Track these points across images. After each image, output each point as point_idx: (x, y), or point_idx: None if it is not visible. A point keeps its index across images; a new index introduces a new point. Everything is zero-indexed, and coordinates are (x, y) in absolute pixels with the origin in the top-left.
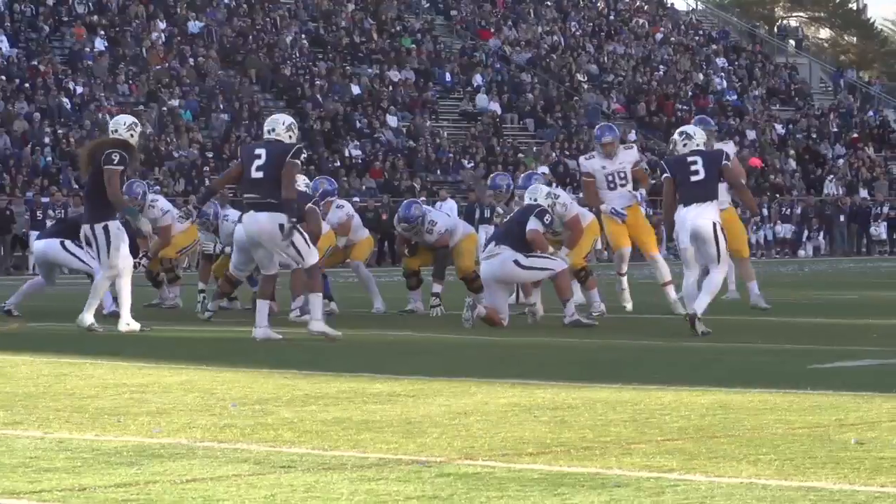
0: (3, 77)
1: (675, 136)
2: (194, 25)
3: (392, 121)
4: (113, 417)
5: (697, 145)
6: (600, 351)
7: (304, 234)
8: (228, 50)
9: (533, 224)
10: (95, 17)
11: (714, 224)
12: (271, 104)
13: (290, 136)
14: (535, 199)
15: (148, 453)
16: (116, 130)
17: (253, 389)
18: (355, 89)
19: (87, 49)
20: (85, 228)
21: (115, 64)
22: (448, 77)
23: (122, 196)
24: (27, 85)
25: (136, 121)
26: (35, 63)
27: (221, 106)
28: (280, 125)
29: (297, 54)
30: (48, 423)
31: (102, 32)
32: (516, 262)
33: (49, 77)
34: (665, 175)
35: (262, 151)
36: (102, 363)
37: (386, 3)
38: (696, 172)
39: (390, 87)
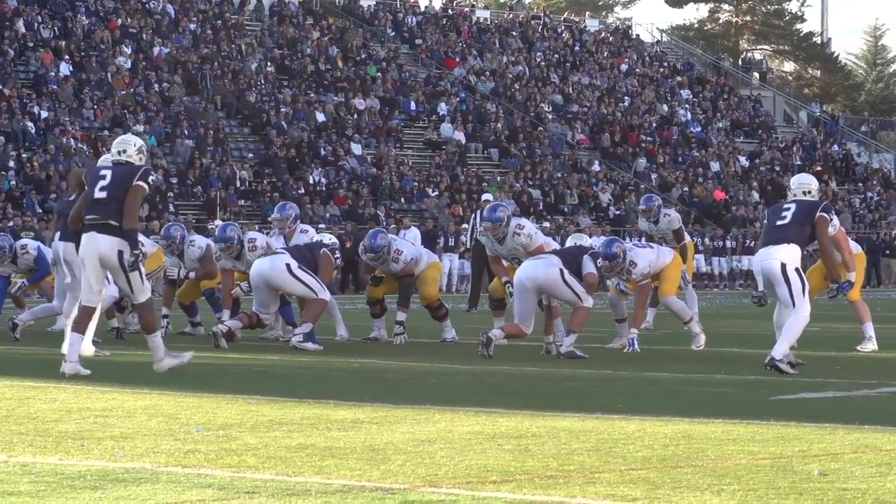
0: None
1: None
2: (160, 51)
3: (356, 149)
4: (76, 441)
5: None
6: (565, 380)
7: (143, 268)
8: (193, 76)
9: (590, 267)
10: (62, 42)
11: (783, 265)
12: (236, 130)
13: (140, 159)
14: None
15: (111, 478)
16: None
17: (217, 415)
18: (320, 117)
19: (52, 73)
20: None
21: (80, 89)
22: (413, 105)
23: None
24: None
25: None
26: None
27: (186, 132)
28: (131, 146)
29: (263, 81)
30: (11, 446)
31: (68, 57)
32: (561, 272)
33: (14, 101)
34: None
35: (107, 173)
36: (66, 387)
37: (351, 32)
38: (784, 217)
39: (355, 115)
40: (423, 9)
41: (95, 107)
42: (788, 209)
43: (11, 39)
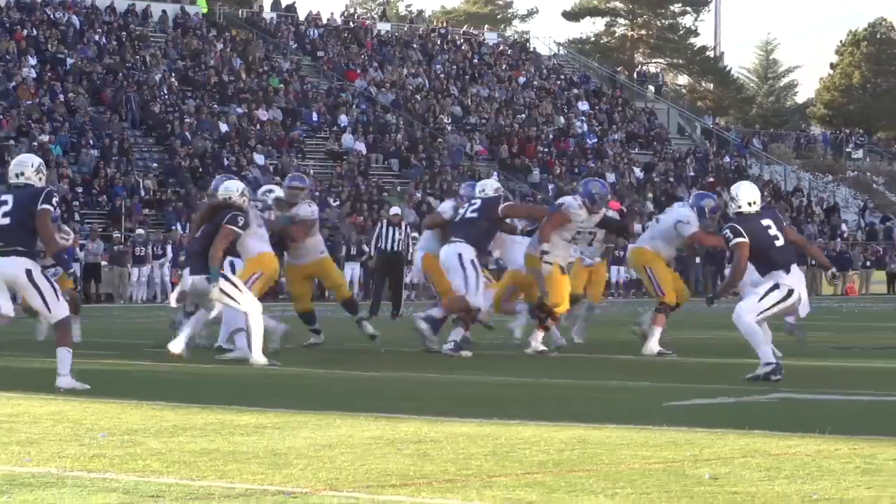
0: None
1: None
2: (66, 61)
3: (259, 159)
4: None
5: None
6: (464, 385)
7: (56, 285)
8: (98, 86)
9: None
10: None
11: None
12: (140, 140)
13: (40, 179)
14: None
15: (18, 482)
16: (230, 197)
17: (122, 420)
18: (223, 127)
19: None
20: (197, 280)
21: None
22: (315, 117)
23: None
24: None
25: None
26: None
27: (91, 142)
28: (28, 168)
29: (167, 92)
30: None
31: None
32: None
33: None
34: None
35: (8, 197)
36: None
37: (254, 44)
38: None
39: (258, 126)
40: (324, 21)
41: (1, 116)
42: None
43: None
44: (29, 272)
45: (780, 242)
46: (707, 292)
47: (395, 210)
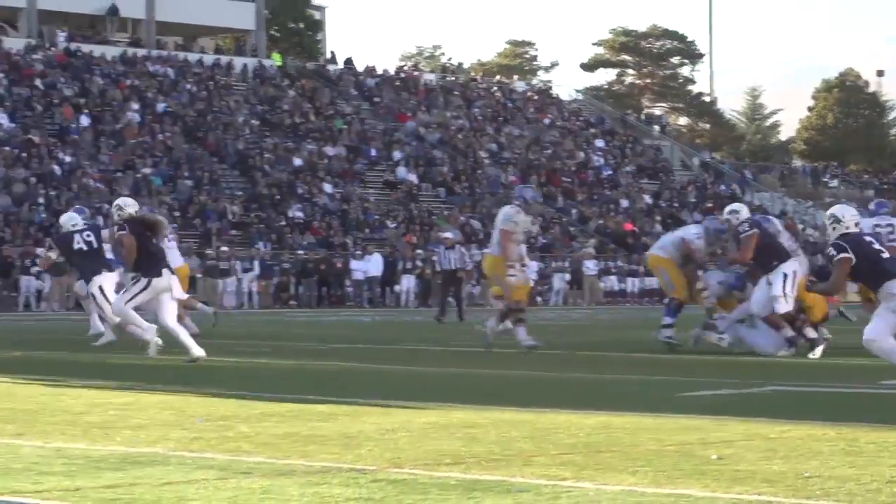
0: (6, 147)
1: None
2: (162, 106)
3: (328, 188)
4: (101, 430)
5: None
6: (503, 379)
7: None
8: (191, 127)
9: None
10: (81, 99)
11: None
12: (227, 173)
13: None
14: None
15: (131, 460)
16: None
17: (217, 408)
18: (297, 161)
19: (74, 125)
20: None
21: (97, 138)
22: (373, 152)
23: None
24: (24, 154)
25: None
26: (30, 136)
27: (186, 174)
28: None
29: (249, 131)
30: (47, 434)
31: (87, 111)
32: None
33: (42, 148)
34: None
35: None
36: (91, 384)
37: (321, 91)
38: None
39: (326, 160)
40: (380, 72)
41: (110, 153)
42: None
43: (39, 97)
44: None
45: (885, 255)
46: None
47: (447, 235)
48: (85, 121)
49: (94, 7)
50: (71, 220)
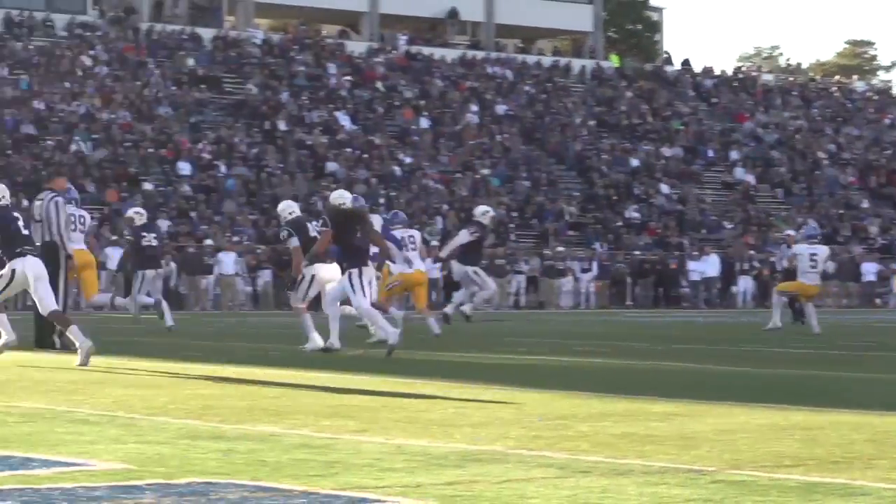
0: (348, 149)
1: None
2: (501, 108)
3: (664, 188)
4: (441, 428)
5: None
6: (841, 382)
7: None
8: (529, 128)
9: None
10: (421, 101)
11: None
12: (564, 173)
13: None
14: None
15: (470, 458)
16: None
17: (555, 407)
18: (634, 162)
19: (414, 126)
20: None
21: (437, 139)
22: (710, 153)
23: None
24: (365, 155)
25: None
26: (372, 138)
27: (524, 175)
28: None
29: (586, 133)
30: (388, 431)
31: (426, 113)
32: None
33: (383, 149)
34: None
35: None
36: (430, 382)
37: (658, 93)
38: None
39: (662, 161)
40: (717, 73)
41: (449, 154)
42: None
43: (380, 99)
44: None
45: None
46: None
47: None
48: (425, 122)
49: (434, 10)
50: (288, 207)
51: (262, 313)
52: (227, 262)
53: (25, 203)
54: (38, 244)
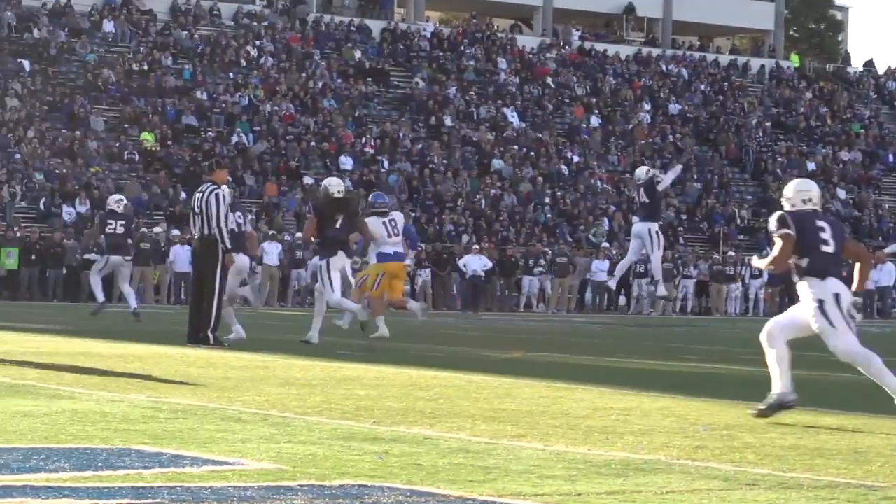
0: (515, 146)
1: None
2: (674, 107)
3: (841, 193)
4: (602, 435)
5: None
6: None
7: None
8: (703, 129)
9: None
10: (592, 99)
11: None
12: (737, 176)
13: None
14: None
15: (632, 467)
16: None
17: (721, 417)
18: (810, 165)
19: (584, 125)
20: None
21: (607, 138)
22: (891, 158)
23: None
24: (532, 153)
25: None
26: (540, 135)
27: (695, 176)
28: None
29: (761, 134)
30: (547, 437)
31: (597, 111)
32: None
33: (551, 147)
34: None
35: None
36: (591, 388)
37: (839, 94)
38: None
39: (840, 165)
40: None
41: (619, 153)
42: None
43: (550, 96)
44: None
45: None
46: None
47: None
48: (595, 120)
49: (610, 6)
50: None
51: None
52: None
53: (183, 195)
54: (196, 237)
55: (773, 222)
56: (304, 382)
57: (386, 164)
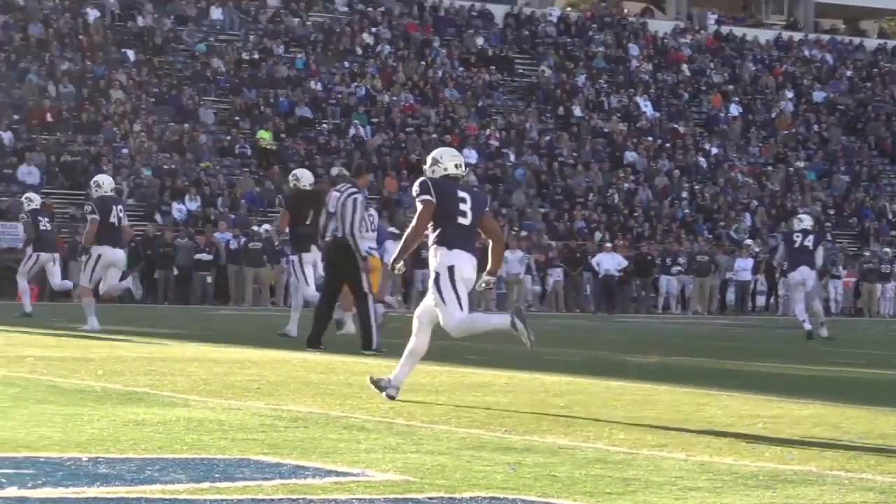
0: (649, 138)
1: None
2: (818, 95)
3: None
4: (749, 445)
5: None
6: None
7: None
8: (850, 118)
9: None
10: (731, 87)
11: None
12: (889, 168)
13: None
14: None
15: (781, 478)
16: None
17: (875, 425)
18: None
19: (723, 114)
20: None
21: (747, 128)
22: None
23: None
24: (668, 145)
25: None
26: (675, 126)
27: (842, 168)
28: None
29: None
30: (690, 447)
31: (736, 99)
32: None
33: (687, 138)
34: None
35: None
36: (736, 395)
37: None
38: None
39: None
40: None
41: (760, 144)
42: None
43: (686, 84)
44: None
45: None
46: None
47: None
48: (734, 110)
49: None
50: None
51: (549, 314)
52: (512, 260)
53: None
54: (328, 237)
55: None
56: (430, 389)
57: (512, 157)
